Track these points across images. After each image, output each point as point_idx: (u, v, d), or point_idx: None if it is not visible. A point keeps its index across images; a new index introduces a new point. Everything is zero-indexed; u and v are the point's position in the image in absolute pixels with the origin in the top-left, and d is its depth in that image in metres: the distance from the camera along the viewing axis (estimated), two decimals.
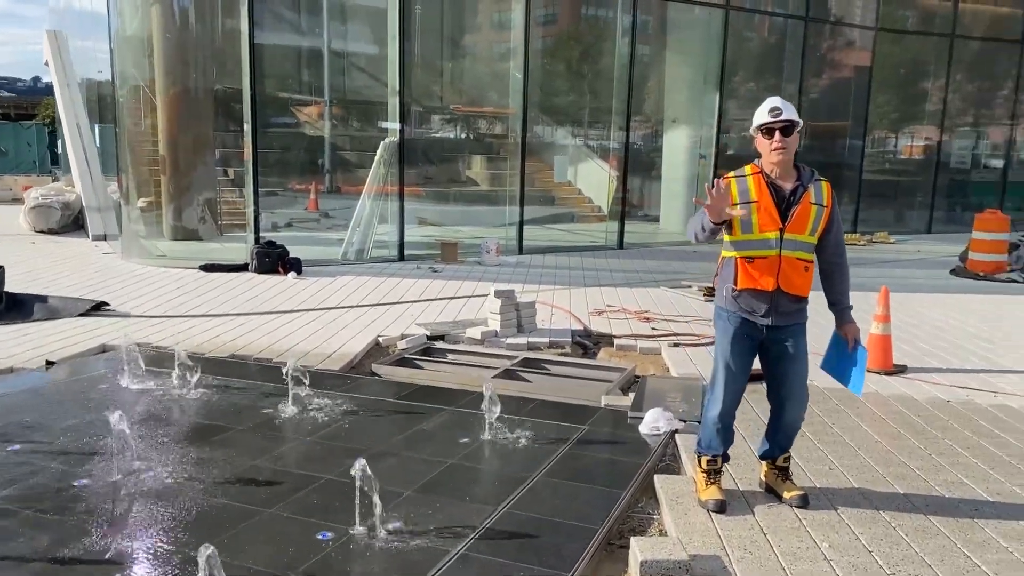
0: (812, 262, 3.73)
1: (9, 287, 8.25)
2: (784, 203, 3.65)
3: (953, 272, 11.96)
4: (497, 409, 4.69)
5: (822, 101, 17.49)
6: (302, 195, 16.99)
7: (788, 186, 3.67)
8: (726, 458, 3.96)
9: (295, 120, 17.82)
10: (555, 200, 16.89)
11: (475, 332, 7.33)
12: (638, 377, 6.31)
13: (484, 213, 14.52)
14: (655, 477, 4.17)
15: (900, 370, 6.42)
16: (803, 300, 3.74)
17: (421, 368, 6.58)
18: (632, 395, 5.69)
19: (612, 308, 8.73)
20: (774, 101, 3.68)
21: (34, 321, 7.57)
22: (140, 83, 11.48)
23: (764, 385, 3.99)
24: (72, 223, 13.85)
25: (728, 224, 3.70)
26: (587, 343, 7.50)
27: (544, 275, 10.87)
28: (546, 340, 7.32)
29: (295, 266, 10.21)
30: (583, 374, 6.50)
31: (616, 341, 7.38)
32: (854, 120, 16.75)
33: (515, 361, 6.66)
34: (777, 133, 3.61)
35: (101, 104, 14.39)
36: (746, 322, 3.73)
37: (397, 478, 4.01)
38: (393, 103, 11.58)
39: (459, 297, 9.24)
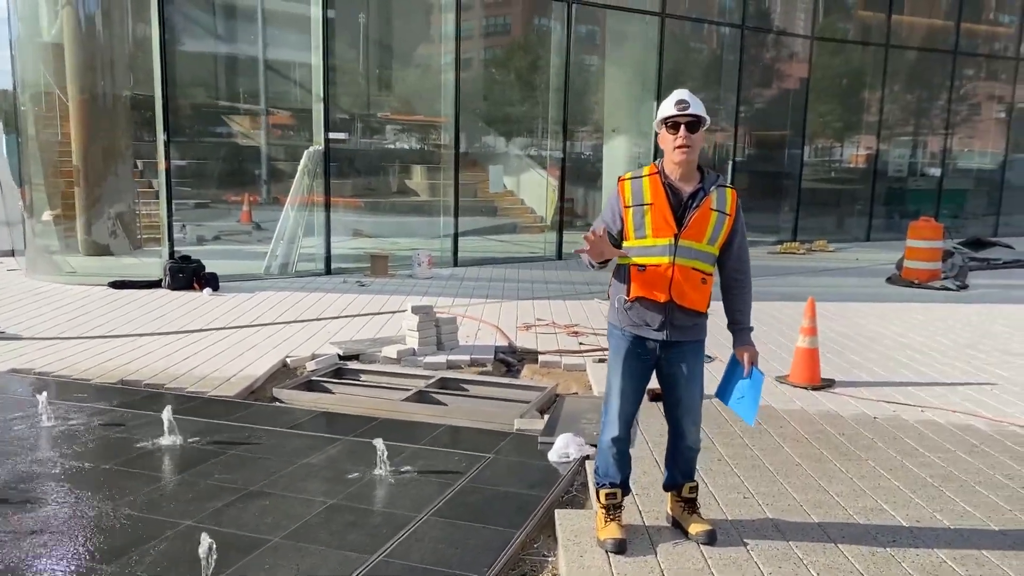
0: (711, 275, 3.44)
1: None
2: (681, 207, 3.35)
3: (889, 280, 11.92)
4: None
5: (761, 110, 17.51)
6: (236, 207, 16.40)
7: (688, 189, 3.37)
8: (627, 489, 3.64)
9: (228, 130, 17.22)
10: (497, 211, 16.57)
11: (391, 351, 6.93)
12: (559, 396, 5.99)
13: (420, 224, 14.13)
14: (556, 512, 3.83)
15: (827, 384, 6.20)
16: (701, 315, 3.45)
17: (329, 392, 6.17)
18: (547, 417, 5.36)
19: (542, 322, 8.40)
20: (681, 93, 3.38)
21: None
22: (44, 90, 10.85)
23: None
24: None
25: (621, 229, 3.40)
26: (511, 360, 7.15)
27: (477, 288, 10.51)
28: (467, 358, 6.95)
29: (211, 282, 9.69)
30: (502, 394, 6.15)
31: (540, 357, 7.05)
32: (792, 129, 16.78)
33: (430, 382, 6.28)
34: (682, 128, 3.30)
35: (8, 114, 13.68)
36: (639, 339, 3.42)
37: (265, 523, 3.60)
38: (318, 110, 11.13)
39: (383, 313, 8.83)
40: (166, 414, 4.69)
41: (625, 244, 3.43)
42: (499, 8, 16.63)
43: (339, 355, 6.93)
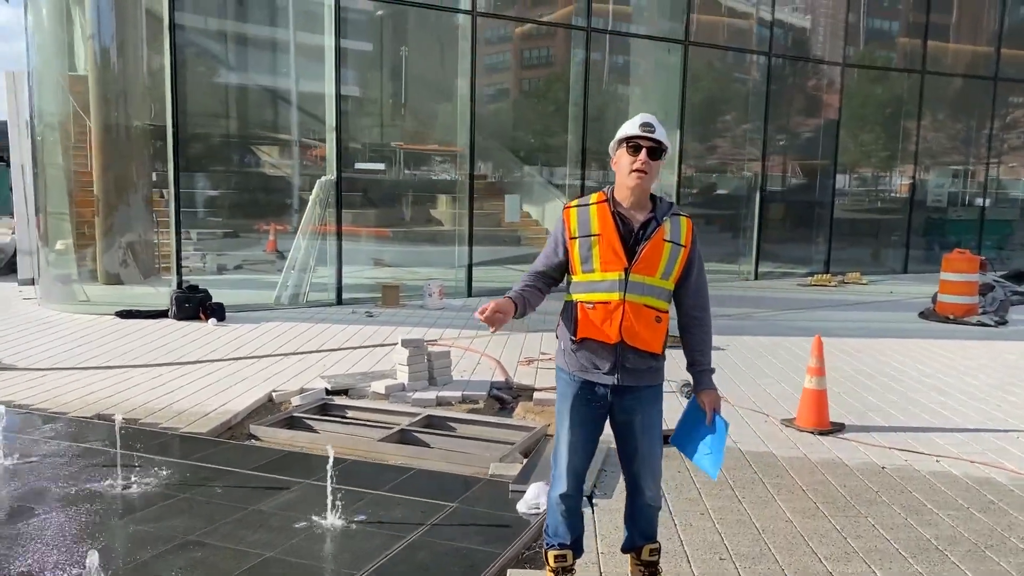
0: (666, 312, 3.13)
1: None
2: (632, 238, 3.06)
3: (922, 315, 11.35)
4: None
5: (791, 139, 17.08)
6: (263, 236, 16.47)
7: (639, 219, 3.09)
8: (578, 551, 3.32)
9: (257, 159, 17.37)
10: (520, 240, 16.36)
11: (380, 386, 6.69)
12: (548, 437, 5.68)
13: (439, 254, 13.96)
14: (508, 573, 3.52)
15: (837, 429, 5.78)
16: (656, 358, 3.13)
17: (309, 429, 5.95)
18: (526, 462, 5.05)
19: (545, 356, 8.09)
20: (648, 118, 3.13)
21: None
22: (60, 121, 10.98)
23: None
24: (6, 267, 13.26)
25: (564, 261, 3.14)
26: (505, 397, 6.86)
27: None
28: (458, 394, 6.68)
29: (217, 312, 9.60)
30: (488, 434, 5.86)
31: (536, 394, 6.74)
32: (824, 158, 16.30)
33: (415, 420, 6.02)
34: (643, 152, 3.03)
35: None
36: (588, 385, 3.12)
37: None
38: (331, 140, 11.08)
39: (387, 344, 8.61)
40: (118, 453, 4.50)
41: (572, 279, 3.14)
42: (526, 41, 16.53)
43: (327, 390, 6.72)
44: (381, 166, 16.35)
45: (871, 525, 4.16)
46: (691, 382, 3.28)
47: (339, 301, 11.09)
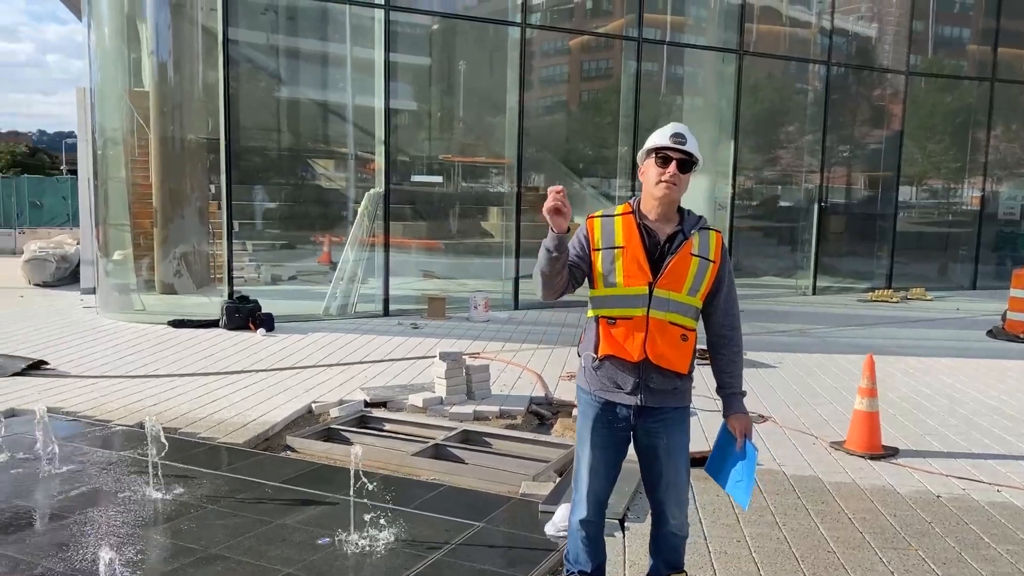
0: (693, 330, 2.99)
1: None
2: (657, 251, 2.93)
3: (990, 334, 10.81)
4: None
5: (852, 150, 16.57)
6: (317, 247, 16.73)
7: (666, 231, 2.95)
8: None
9: (314, 172, 17.66)
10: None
11: (418, 399, 6.65)
12: None
13: (488, 267, 13.94)
14: None
15: (890, 453, 5.49)
16: (682, 378, 2.99)
17: (345, 441, 5.93)
18: (559, 481, 4.92)
19: None
20: (678, 127, 2.99)
21: None
22: (122, 135, 11.31)
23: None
24: (70, 276, 13.73)
25: (590, 276, 3.00)
26: (544, 412, 6.74)
27: (532, 332, 10.16)
28: (496, 409, 6.59)
29: (266, 322, 9.73)
30: (524, 451, 5.76)
31: (576, 410, 6.59)
32: (886, 168, 15.76)
33: (451, 435, 5.94)
34: (673, 164, 2.90)
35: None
36: (610, 406, 2.99)
37: None
38: (380, 153, 11.17)
39: (429, 357, 8.56)
40: (151, 462, 4.53)
41: (592, 294, 3.03)
42: (584, 53, 16.44)
43: (365, 402, 6.71)
44: (439, 179, 16.45)
45: (921, 559, 3.91)
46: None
47: (386, 312, 11.14)
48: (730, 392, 3.06)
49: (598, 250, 2.98)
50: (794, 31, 15.79)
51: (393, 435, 6.09)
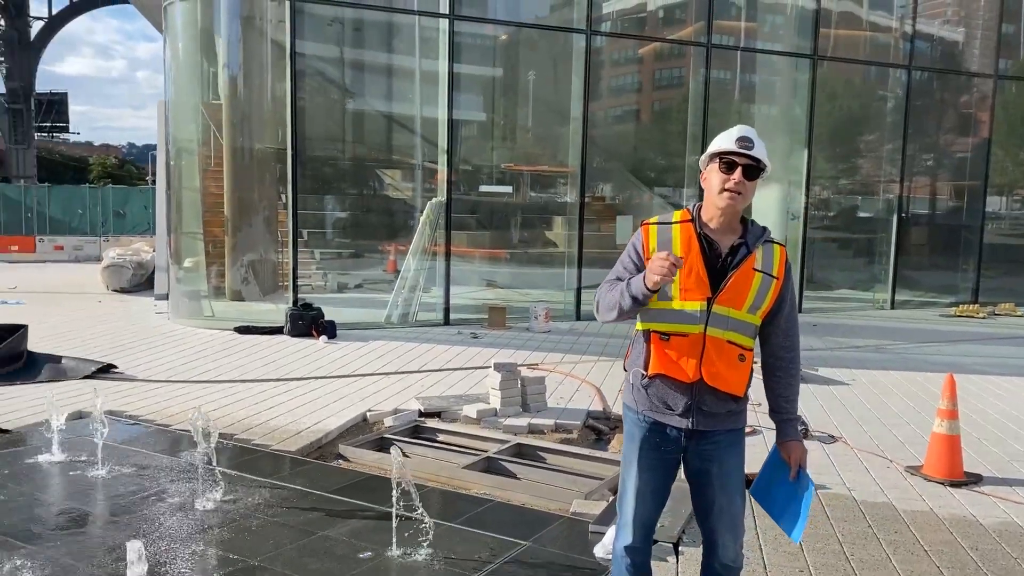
0: (750, 350, 2.76)
1: (43, 344, 8.43)
2: (719, 264, 2.72)
3: None
4: None
5: (935, 158, 15.82)
6: (385, 256, 16.91)
7: (728, 243, 2.74)
8: None
9: (383, 183, 17.88)
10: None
11: (472, 410, 6.54)
12: None
13: (551, 276, 13.80)
14: None
15: (972, 481, 5.11)
16: (737, 400, 2.77)
17: (399, 451, 5.85)
18: (612, 499, 4.73)
19: None
20: (744, 130, 2.76)
21: (39, 382, 7.42)
22: (195, 146, 11.62)
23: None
24: (146, 282, 14.18)
25: None
26: (602, 427, 6.55)
27: (593, 344, 9.96)
28: (552, 422, 6.43)
29: (328, 330, 9.81)
30: (579, 467, 5.59)
31: None
32: (972, 178, 14.98)
33: (504, 448, 5.82)
34: (739, 170, 2.68)
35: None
36: (658, 426, 2.79)
37: None
38: (443, 162, 11.18)
39: (487, 367, 8.44)
40: (201, 469, 4.54)
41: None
42: (658, 62, 16.18)
43: (420, 411, 6.64)
44: (508, 188, 16.42)
45: None
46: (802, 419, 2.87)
47: (447, 322, 11.11)
48: (785, 417, 2.84)
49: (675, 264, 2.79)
50: (874, 36, 15.21)
51: (446, 446, 6.00)
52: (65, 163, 65.67)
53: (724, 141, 2.75)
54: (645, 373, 2.80)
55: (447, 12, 10.79)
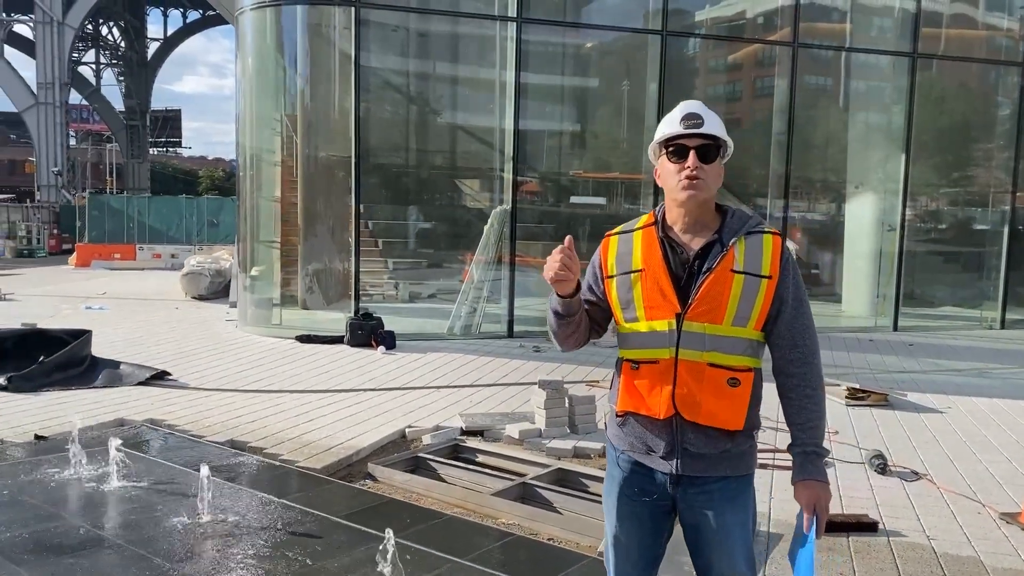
0: (748, 371, 2.24)
1: (113, 349, 8.67)
2: (686, 271, 2.25)
3: None
4: None
5: None
6: (460, 266, 16.79)
7: (697, 243, 2.25)
8: None
9: (460, 193, 17.78)
10: None
11: (515, 430, 6.15)
12: None
13: None
14: None
15: None
16: (735, 437, 2.25)
17: (432, 472, 5.53)
18: None
19: None
20: (691, 106, 2.28)
21: (94, 387, 7.49)
22: (267, 157, 11.71)
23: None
24: (223, 289, 14.44)
25: (603, 300, 2.38)
26: None
27: None
28: (599, 446, 5.96)
29: (386, 340, 9.62)
30: None
31: None
32: None
33: (543, 472, 5.40)
34: (691, 155, 2.22)
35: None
36: (642, 468, 2.32)
37: None
38: (508, 170, 10.88)
39: None
40: (205, 487, 4.31)
41: (619, 329, 2.36)
42: (757, 69, 15.49)
43: (462, 429, 6.30)
44: (601, 200, 16.00)
45: None
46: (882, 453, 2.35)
47: (510, 334, 10.76)
48: (800, 449, 2.28)
49: (611, 277, 2.33)
50: (990, 36, 14.04)
51: (482, 469, 5.63)
52: (175, 176, 69.33)
53: (667, 126, 2.29)
54: (617, 408, 2.35)
55: (515, 15, 10.52)
